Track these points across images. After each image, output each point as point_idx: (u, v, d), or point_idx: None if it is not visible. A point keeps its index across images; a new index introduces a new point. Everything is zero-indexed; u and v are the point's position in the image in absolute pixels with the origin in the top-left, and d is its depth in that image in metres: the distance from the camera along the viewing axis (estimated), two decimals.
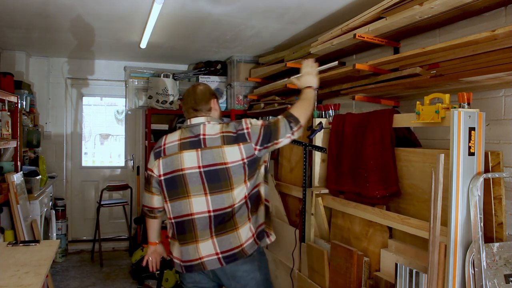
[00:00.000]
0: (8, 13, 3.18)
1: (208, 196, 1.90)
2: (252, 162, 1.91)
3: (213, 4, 2.85)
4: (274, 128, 1.91)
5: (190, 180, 1.92)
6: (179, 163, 1.94)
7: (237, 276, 1.93)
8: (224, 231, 1.89)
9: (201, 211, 1.91)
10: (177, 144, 1.97)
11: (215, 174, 1.89)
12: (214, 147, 1.90)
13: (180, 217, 1.95)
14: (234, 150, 1.89)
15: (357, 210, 2.29)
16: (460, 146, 1.61)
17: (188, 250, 1.93)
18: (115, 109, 5.52)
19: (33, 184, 3.81)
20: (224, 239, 1.89)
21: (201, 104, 2.04)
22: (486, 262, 1.60)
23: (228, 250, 1.89)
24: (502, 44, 1.65)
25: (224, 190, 1.89)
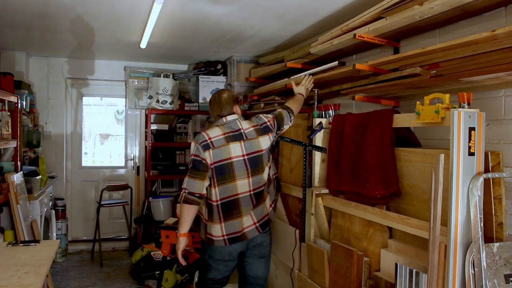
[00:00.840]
0: (8, 13, 3.18)
1: (250, 178, 2.36)
2: (271, 147, 2.48)
3: (213, 4, 2.85)
4: (280, 118, 2.53)
5: (236, 167, 2.34)
6: (228, 153, 2.34)
7: (264, 246, 2.47)
8: (259, 204, 2.40)
9: (244, 191, 2.36)
10: (223, 138, 2.37)
11: (255, 160, 2.38)
12: (252, 138, 2.40)
13: (226, 198, 2.34)
14: (265, 139, 2.43)
15: (357, 210, 2.29)
16: (460, 146, 1.61)
17: (234, 224, 2.36)
18: (115, 109, 5.51)
19: (33, 184, 3.81)
20: (258, 210, 2.40)
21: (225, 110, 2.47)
22: (486, 262, 1.60)
23: (261, 219, 2.41)
24: (502, 44, 1.65)
25: (260, 172, 2.39)
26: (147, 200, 4.78)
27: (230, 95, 2.50)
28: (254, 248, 2.45)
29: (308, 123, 2.97)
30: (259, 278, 2.51)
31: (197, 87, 4.94)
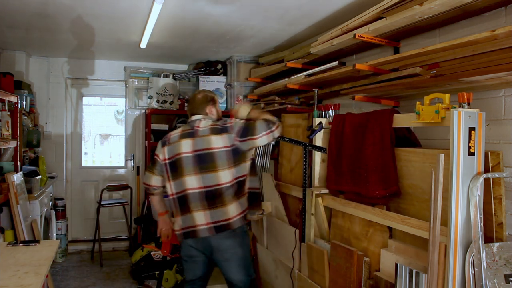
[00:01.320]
0: (8, 13, 3.18)
1: (198, 175, 2.35)
2: (236, 152, 2.35)
3: (213, 4, 2.85)
4: (251, 126, 2.36)
5: (185, 162, 2.38)
6: (178, 149, 2.42)
7: (222, 249, 2.37)
8: (215, 206, 2.33)
9: (192, 187, 2.36)
10: (179, 135, 2.47)
11: (204, 157, 2.36)
12: (203, 135, 2.39)
13: (178, 193, 2.41)
14: (218, 139, 2.36)
15: (357, 210, 2.29)
16: (460, 146, 1.61)
17: (185, 219, 2.40)
18: (115, 109, 5.51)
19: (33, 184, 3.81)
20: (216, 212, 2.33)
21: (197, 110, 2.53)
22: (486, 262, 1.60)
23: (217, 221, 2.33)
24: (502, 44, 1.65)
25: (211, 170, 2.34)
26: (147, 200, 4.77)
27: (204, 96, 2.56)
28: (212, 250, 2.41)
29: (308, 123, 2.97)
30: (234, 281, 2.46)
31: (197, 87, 4.93)
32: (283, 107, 3.49)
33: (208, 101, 2.54)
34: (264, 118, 2.41)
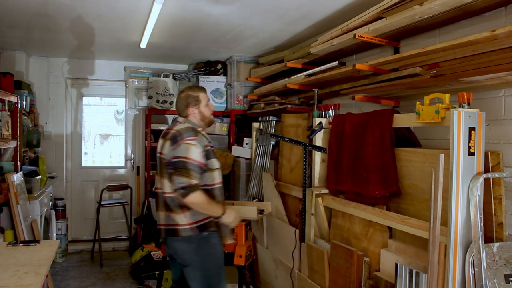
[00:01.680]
0: (8, 13, 3.18)
1: (159, 176, 2.39)
2: (169, 165, 2.26)
3: (213, 4, 2.85)
4: (182, 166, 2.19)
5: (157, 161, 2.44)
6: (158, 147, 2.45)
7: (178, 252, 2.36)
8: (168, 210, 2.31)
9: (158, 186, 2.41)
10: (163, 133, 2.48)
11: (160, 161, 2.38)
12: (166, 139, 2.35)
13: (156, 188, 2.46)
14: (169, 147, 2.30)
15: (357, 210, 2.29)
16: (460, 146, 1.61)
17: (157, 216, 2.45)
18: (115, 109, 5.51)
19: (33, 184, 3.81)
20: (169, 215, 2.32)
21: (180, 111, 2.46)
22: (486, 262, 1.60)
23: (168, 225, 2.32)
24: (502, 44, 1.65)
25: (162, 176, 2.35)
26: (147, 200, 4.78)
27: (186, 95, 2.41)
28: (174, 252, 2.38)
29: (308, 123, 2.97)
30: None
31: None
32: (283, 107, 3.48)
33: (189, 102, 2.39)
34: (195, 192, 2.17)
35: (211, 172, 2.31)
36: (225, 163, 4.16)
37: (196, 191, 2.16)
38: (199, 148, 2.23)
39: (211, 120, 2.49)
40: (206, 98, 2.45)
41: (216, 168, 2.36)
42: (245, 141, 4.12)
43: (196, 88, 2.48)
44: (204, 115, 2.43)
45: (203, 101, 2.42)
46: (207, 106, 2.44)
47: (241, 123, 4.60)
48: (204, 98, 2.43)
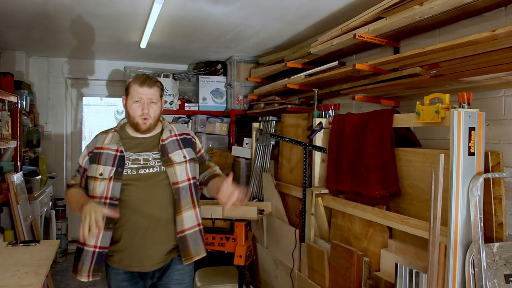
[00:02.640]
0: (8, 13, 3.18)
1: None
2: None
3: (213, 4, 2.85)
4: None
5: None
6: None
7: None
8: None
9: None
10: None
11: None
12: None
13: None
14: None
15: (357, 210, 2.29)
16: (460, 146, 1.61)
17: None
18: (115, 109, 5.51)
19: (33, 184, 3.81)
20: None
21: None
22: (486, 262, 1.60)
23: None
24: (502, 44, 1.65)
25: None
26: None
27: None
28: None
29: (308, 123, 2.97)
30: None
31: (197, 87, 4.93)
32: (283, 107, 3.48)
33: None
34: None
35: (91, 180, 1.89)
36: (225, 163, 4.16)
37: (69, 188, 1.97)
38: (85, 151, 1.97)
39: (134, 123, 1.90)
40: (136, 91, 1.87)
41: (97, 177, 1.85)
42: (245, 141, 4.12)
43: (137, 76, 1.92)
44: (128, 112, 1.94)
45: (130, 93, 1.89)
46: (135, 102, 1.88)
47: (241, 123, 4.60)
48: (133, 90, 1.88)
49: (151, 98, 1.89)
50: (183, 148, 1.97)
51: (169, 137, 1.97)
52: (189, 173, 1.94)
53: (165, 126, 2.01)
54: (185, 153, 1.96)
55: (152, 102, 1.90)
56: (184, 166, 1.93)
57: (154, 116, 1.91)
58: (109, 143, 1.91)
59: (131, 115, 1.91)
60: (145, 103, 1.88)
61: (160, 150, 1.92)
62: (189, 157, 1.96)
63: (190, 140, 2.04)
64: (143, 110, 1.87)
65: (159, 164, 1.90)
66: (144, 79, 1.89)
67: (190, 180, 1.93)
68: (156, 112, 1.92)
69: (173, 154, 1.92)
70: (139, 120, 1.89)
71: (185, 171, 1.92)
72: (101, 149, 1.91)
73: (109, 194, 1.83)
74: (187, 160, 1.95)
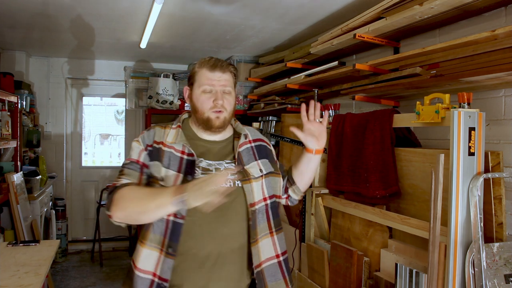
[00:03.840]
0: (8, 13, 3.18)
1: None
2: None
3: (213, 4, 2.85)
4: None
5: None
6: None
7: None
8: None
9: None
10: None
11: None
12: None
13: None
14: None
15: (357, 210, 2.29)
16: (460, 146, 1.61)
17: None
18: (115, 109, 5.51)
19: (33, 184, 3.81)
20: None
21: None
22: (486, 262, 1.60)
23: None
24: (502, 44, 1.65)
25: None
26: None
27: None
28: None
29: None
30: None
31: None
32: (283, 107, 3.48)
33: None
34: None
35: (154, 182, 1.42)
36: None
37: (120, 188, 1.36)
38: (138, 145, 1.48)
39: (204, 120, 1.47)
40: (206, 77, 1.47)
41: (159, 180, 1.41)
42: None
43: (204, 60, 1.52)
44: (195, 106, 1.49)
45: (197, 80, 1.49)
46: (205, 92, 1.46)
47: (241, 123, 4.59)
48: (201, 76, 1.47)
49: (225, 86, 1.47)
50: (258, 160, 1.55)
51: (244, 143, 1.55)
52: (265, 191, 1.52)
53: (239, 129, 1.58)
54: (261, 166, 1.54)
55: (226, 93, 1.48)
56: (260, 182, 1.51)
57: (230, 109, 1.49)
58: (173, 141, 1.45)
59: (199, 109, 1.46)
60: (218, 93, 1.45)
61: (235, 160, 1.49)
62: (266, 171, 1.54)
63: (265, 148, 1.62)
64: (216, 101, 1.44)
65: (234, 178, 1.43)
66: (214, 61, 1.48)
67: (266, 200, 1.52)
68: (232, 104, 1.50)
69: (249, 166, 1.51)
70: (210, 114, 1.45)
71: (261, 189, 1.51)
72: (162, 144, 1.45)
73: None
74: (263, 175, 1.53)
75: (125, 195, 1.33)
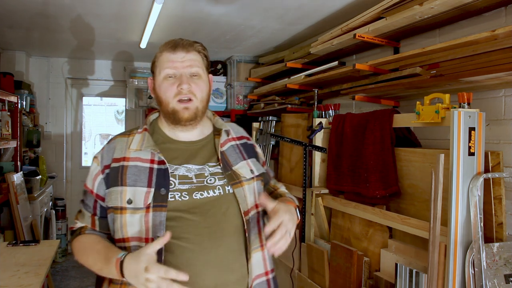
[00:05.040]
0: (8, 13, 3.18)
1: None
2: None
3: (213, 4, 2.85)
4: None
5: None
6: None
7: None
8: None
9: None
10: None
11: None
12: None
13: None
14: None
15: (357, 210, 2.29)
16: (460, 146, 1.61)
17: None
18: (115, 109, 5.51)
19: (33, 184, 3.81)
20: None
21: None
22: (486, 262, 1.60)
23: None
24: (502, 44, 1.65)
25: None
26: None
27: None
28: None
29: (308, 123, 2.97)
30: None
31: None
32: (283, 107, 3.48)
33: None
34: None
35: (115, 214, 1.17)
36: None
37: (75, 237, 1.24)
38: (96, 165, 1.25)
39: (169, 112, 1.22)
40: (167, 59, 1.22)
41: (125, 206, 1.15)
42: None
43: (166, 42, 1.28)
44: (159, 97, 1.25)
45: (158, 66, 1.24)
46: (167, 78, 1.22)
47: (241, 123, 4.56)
48: (162, 60, 1.23)
49: (192, 66, 1.21)
50: (247, 159, 1.32)
51: (227, 141, 1.31)
52: (257, 197, 1.27)
53: (219, 125, 1.33)
54: (252, 166, 1.31)
55: (194, 75, 1.22)
56: (253, 185, 1.27)
57: (201, 96, 1.22)
58: (138, 149, 1.21)
59: (163, 100, 1.22)
60: (183, 76, 1.20)
61: (220, 160, 1.25)
62: (258, 172, 1.32)
63: (252, 147, 1.39)
64: (181, 85, 1.19)
65: (222, 183, 1.21)
66: (176, 41, 1.25)
67: (258, 207, 1.26)
68: (203, 90, 1.23)
69: (238, 166, 1.27)
70: (176, 104, 1.20)
71: (253, 193, 1.26)
72: (123, 160, 1.20)
73: (149, 234, 1.12)
74: (255, 177, 1.30)
75: (77, 248, 1.21)
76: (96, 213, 1.24)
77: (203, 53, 1.28)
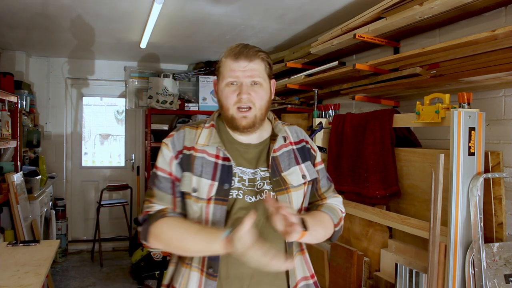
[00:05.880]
0: (8, 13, 3.18)
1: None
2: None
3: (213, 4, 2.85)
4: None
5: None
6: None
7: None
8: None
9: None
10: None
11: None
12: None
13: None
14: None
15: (357, 210, 2.29)
16: (460, 146, 1.61)
17: None
18: (115, 109, 5.51)
19: (33, 184, 3.81)
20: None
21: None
22: (486, 262, 1.60)
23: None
24: (502, 44, 1.65)
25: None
26: None
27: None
28: None
29: (308, 123, 2.97)
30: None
31: (197, 87, 4.94)
32: (283, 107, 3.48)
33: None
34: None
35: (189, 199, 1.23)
36: None
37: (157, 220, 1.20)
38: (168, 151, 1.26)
39: (228, 118, 1.25)
40: (229, 68, 1.23)
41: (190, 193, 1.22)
42: None
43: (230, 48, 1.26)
44: (220, 102, 1.28)
45: (222, 72, 1.26)
46: (228, 85, 1.23)
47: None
48: (225, 67, 1.24)
49: (253, 76, 1.22)
50: (301, 163, 1.31)
51: (283, 146, 1.31)
52: (306, 201, 1.33)
53: (278, 130, 1.32)
54: (305, 171, 1.31)
55: (255, 84, 1.23)
56: (302, 191, 1.29)
57: (260, 104, 1.23)
58: (205, 143, 1.25)
59: (224, 105, 1.25)
60: (243, 85, 1.21)
61: (269, 166, 1.26)
62: (310, 177, 1.32)
63: (308, 150, 1.38)
64: (240, 95, 1.21)
65: (269, 188, 1.24)
66: (240, 49, 1.23)
67: (301, 211, 1.31)
68: (263, 98, 1.24)
69: (288, 172, 1.27)
70: (235, 112, 1.23)
71: (302, 199, 1.30)
72: (193, 150, 1.24)
73: (209, 222, 1.20)
74: (307, 182, 1.30)
75: (165, 232, 1.18)
76: (176, 195, 1.24)
77: (267, 60, 1.27)
